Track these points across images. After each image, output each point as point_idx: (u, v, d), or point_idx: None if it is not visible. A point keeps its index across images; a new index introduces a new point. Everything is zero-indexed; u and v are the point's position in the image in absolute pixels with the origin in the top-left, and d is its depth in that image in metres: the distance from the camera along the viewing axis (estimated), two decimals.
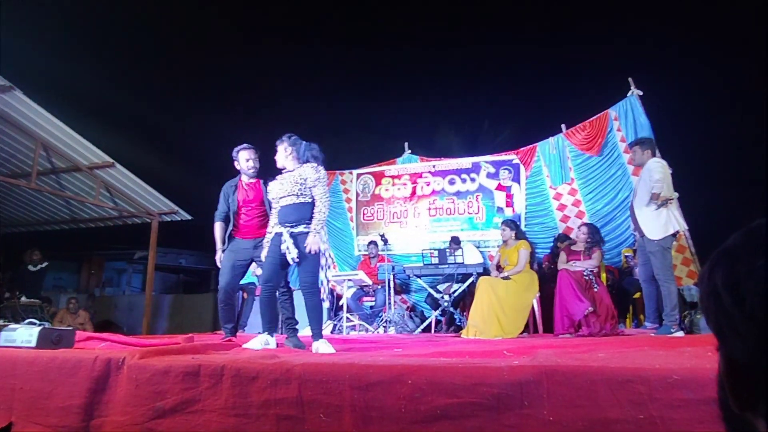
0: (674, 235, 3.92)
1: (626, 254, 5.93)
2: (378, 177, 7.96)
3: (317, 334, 2.99)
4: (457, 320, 5.75)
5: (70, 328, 2.82)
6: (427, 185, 7.62)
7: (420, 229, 7.56)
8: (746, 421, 0.40)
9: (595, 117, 6.69)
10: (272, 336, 3.05)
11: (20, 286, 7.07)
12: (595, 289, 4.41)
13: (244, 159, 3.63)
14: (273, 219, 3.21)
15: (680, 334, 3.72)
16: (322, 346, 2.86)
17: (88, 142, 6.46)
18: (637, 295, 5.48)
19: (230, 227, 3.65)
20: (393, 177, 7.86)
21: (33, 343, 2.30)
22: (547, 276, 5.66)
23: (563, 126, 7.03)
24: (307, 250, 2.96)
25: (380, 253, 6.75)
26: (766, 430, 0.38)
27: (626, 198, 6.07)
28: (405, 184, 7.75)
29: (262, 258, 3.17)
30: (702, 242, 5.58)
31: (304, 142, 3.20)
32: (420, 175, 7.71)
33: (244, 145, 3.66)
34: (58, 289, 12.59)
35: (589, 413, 1.34)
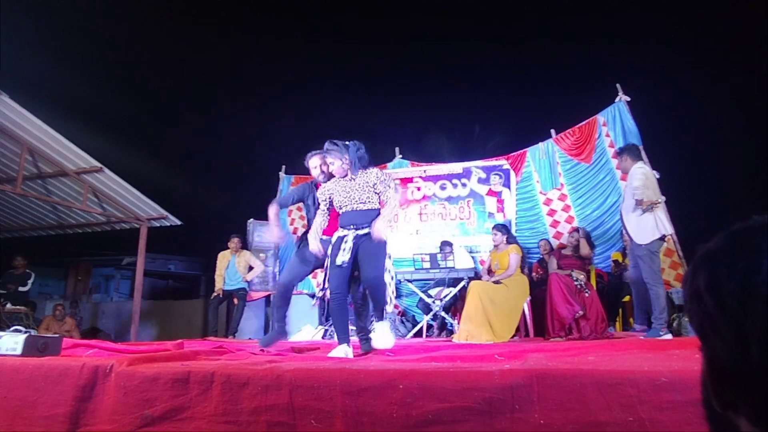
0: (662, 238, 3.96)
1: (614, 259, 5.99)
2: None
3: (378, 317, 2.99)
4: (449, 325, 5.75)
5: (57, 335, 2.78)
6: (418, 190, 7.64)
7: (411, 234, 7.56)
8: (728, 420, 0.40)
9: (583, 123, 6.76)
10: (350, 346, 2.98)
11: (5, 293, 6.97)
12: (586, 294, 4.45)
13: (312, 167, 3.49)
14: (320, 219, 3.16)
15: (669, 336, 3.76)
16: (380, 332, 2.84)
17: (75, 147, 6.40)
18: (626, 298, 5.53)
19: (303, 229, 3.56)
20: None
21: (18, 351, 2.26)
22: (537, 281, 5.70)
23: (552, 131, 7.10)
24: (374, 236, 2.89)
25: None
26: (747, 428, 0.39)
27: (615, 203, 6.13)
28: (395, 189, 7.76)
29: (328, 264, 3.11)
30: (690, 246, 5.65)
31: (349, 145, 3.07)
32: (410, 180, 7.72)
33: (313, 152, 3.51)
34: (44, 296, 12.40)
35: (579, 416, 1.35)
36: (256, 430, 1.63)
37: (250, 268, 6.76)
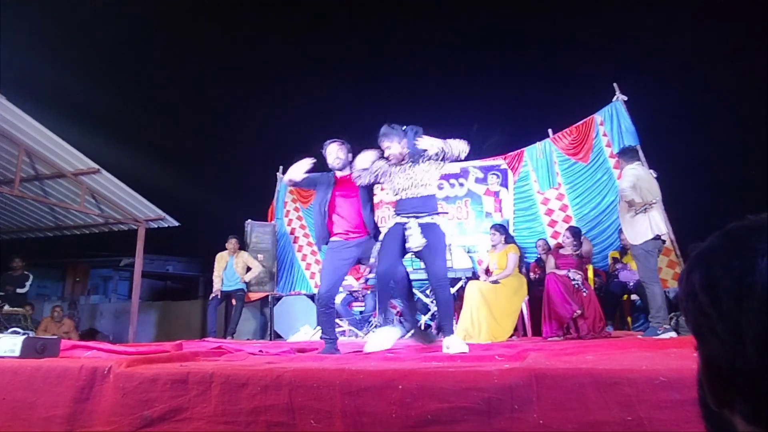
0: (657, 238, 3.99)
1: (613, 257, 6.00)
2: None
3: (448, 330, 2.85)
4: None
5: (55, 336, 2.78)
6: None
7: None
8: (724, 418, 0.41)
9: (581, 122, 6.78)
10: (396, 326, 2.95)
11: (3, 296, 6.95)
12: (584, 293, 4.45)
13: (329, 154, 3.37)
14: (383, 210, 3.10)
15: (666, 335, 3.77)
16: (453, 344, 2.73)
17: (72, 148, 6.38)
18: (624, 297, 5.55)
19: (325, 227, 3.31)
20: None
21: (17, 353, 2.26)
22: (534, 280, 5.70)
23: (550, 131, 7.11)
24: (419, 143, 2.85)
25: None
26: (743, 426, 0.39)
27: (612, 202, 6.14)
28: None
29: (374, 253, 3.01)
30: (687, 245, 5.66)
31: (407, 129, 3.04)
32: None
33: (331, 139, 3.42)
34: (42, 298, 12.37)
35: (578, 416, 1.35)
36: (255, 430, 1.63)
37: (249, 269, 6.76)
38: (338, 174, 3.40)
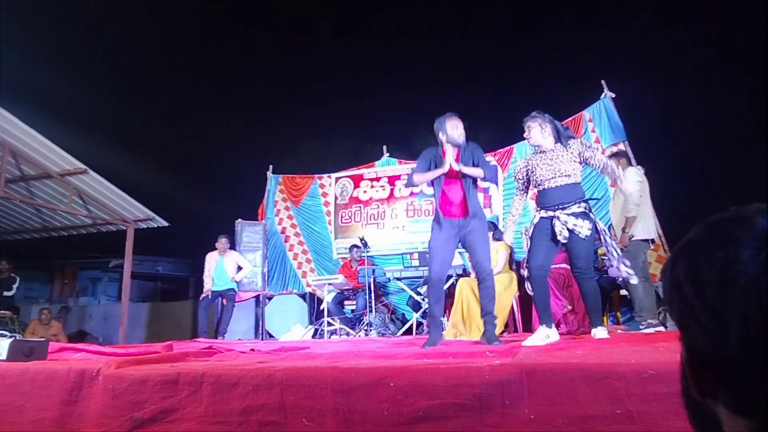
0: (645, 240, 4.06)
1: (601, 254, 6.04)
2: (356, 180, 7.96)
3: (597, 321, 2.87)
4: None
5: (43, 339, 2.75)
6: (406, 187, 7.64)
7: (398, 230, 7.57)
8: (707, 407, 0.41)
9: (569, 119, 6.81)
10: (551, 327, 2.84)
11: None
12: (574, 289, 4.49)
13: (453, 127, 3.27)
14: (518, 204, 3.13)
15: (649, 330, 3.83)
16: (599, 333, 2.78)
17: (59, 148, 6.30)
18: (613, 293, 5.59)
19: (435, 206, 3.28)
20: (371, 179, 7.87)
21: (3, 356, 2.23)
22: (525, 277, 5.73)
23: None
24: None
25: (362, 255, 6.74)
26: (725, 416, 0.39)
27: (601, 198, 6.19)
28: (383, 186, 7.76)
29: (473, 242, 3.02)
30: (675, 239, 5.73)
31: (547, 116, 3.06)
32: (398, 177, 7.72)
33: (451, 112, 3.35)
34: (30, 300, 12.21)
35: (568, 410, 1.36)
36: (246, 430, 1.62)
37: (239, 269, 6.72)
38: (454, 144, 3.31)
